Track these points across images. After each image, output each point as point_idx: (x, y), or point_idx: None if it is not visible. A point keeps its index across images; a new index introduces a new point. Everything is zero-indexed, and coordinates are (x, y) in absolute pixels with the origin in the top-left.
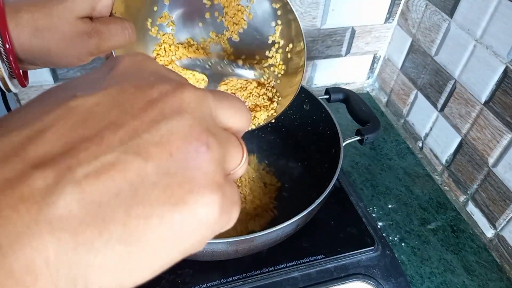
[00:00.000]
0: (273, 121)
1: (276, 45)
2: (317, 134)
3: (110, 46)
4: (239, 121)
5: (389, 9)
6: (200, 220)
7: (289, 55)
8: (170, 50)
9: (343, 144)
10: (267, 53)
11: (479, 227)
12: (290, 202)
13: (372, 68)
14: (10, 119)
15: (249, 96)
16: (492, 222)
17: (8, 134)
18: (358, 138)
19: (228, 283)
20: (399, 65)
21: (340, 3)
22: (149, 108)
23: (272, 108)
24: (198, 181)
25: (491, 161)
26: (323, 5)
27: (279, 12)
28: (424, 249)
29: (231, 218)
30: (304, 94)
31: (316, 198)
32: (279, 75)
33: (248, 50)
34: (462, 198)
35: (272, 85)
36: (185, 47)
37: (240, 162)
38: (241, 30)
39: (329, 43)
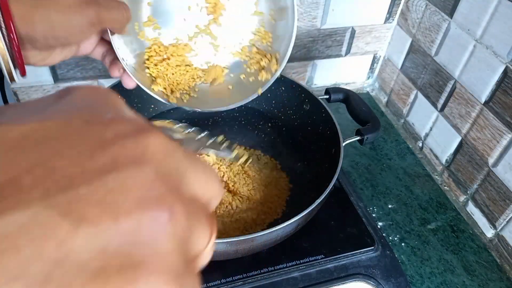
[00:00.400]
0: (273, 121)
1: (258, 18)
2: (317, 134)
3: (109, 17)
4: (211, 192)
5: (389, 9)
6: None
7: (273, 21)
8: (160, 50)
9: (343, 144)
10: (251, 30)
11: (479, 227)
12: (290, 202)
13: (372, 68)
14: None
15: (251, 59)
16: (492, 222)
17: None
18: (358, 138)
19: (228, 283)
20: (399, 65)
21: (340, 3)
22: (98, 152)
23: (273, 66)
24: (150, 265)
25: (491, 161)
26: (323, 5)
27: None
28: (424, 249)
29: None
30: (304, 94)
31: (316, 198)
32: (269, 44)
33: (233, 34)
34: (462, 198)
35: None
36: (174, 46)
37: (206, 245)
38: (222, 15)
39: (329, 43)
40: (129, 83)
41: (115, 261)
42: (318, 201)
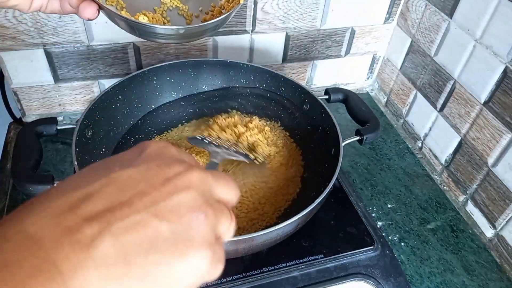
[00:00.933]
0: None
1: None
2: (316, 134)
3: None
4: (230, 195)
5: (388, 9)
6: (194, 269)
7: None
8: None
9: (343, 144)
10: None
11: (479, 227)
12: (290, 202)
13: (371, 68)
14: (66, 185)
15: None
16: (492, 222)
17: (64, 195)
18: (357, 138)
19: (228, 283)
20: (399, 65)
21: (339, 3)
22: (166, 183)
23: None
24: (196, 240)
25: (490, 161)
26: (323, 5)
27: None
28: (424, 248)
29: (216, 271)
30: (304, 94)
31: (316, 197)
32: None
33: (202, 1)
34: (461, 198)
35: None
36: (141, 16)
37: (229, 227)
38: None
39: (329, 43)
40: (90, 12)
41: (180, 237)
42: (318, 200)
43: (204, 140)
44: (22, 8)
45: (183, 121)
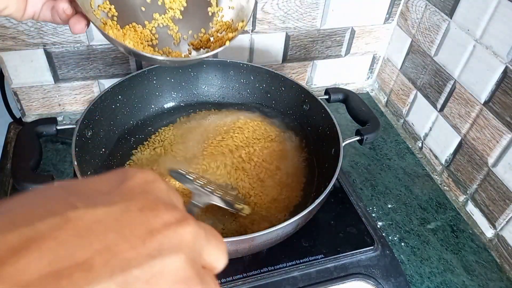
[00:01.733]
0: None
1: (217, 14)
2: (317, 134)
3: None
4: (219, 262)
5: (388, 9)
6: None
7: (233, 13)
8: (116, 32)
9: (343, 144)
10: (210, 25)
11: (479, 227)
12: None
13: (371, 68)
14: (2, 216)
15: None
16: (492, 222)
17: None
18: (357, 138)
19: (228, 283)
20: (399, 65)
21: (339, 3)
22: (149, 239)
23: (240, 24)
24: None
25: (490, 161)
26: (323, 5)
27: None
28: (424, 249)
29: None
30: (304, 94)
31: (316, 198)
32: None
33: (193, 26)
34: (461, 198)
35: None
36: (130, 29)
37: None
38: (182, 8)
39: (329, 43)
40: (79, 28)
41: None
42: (318, 201)
43: (187, 176)
44: (16, 16)
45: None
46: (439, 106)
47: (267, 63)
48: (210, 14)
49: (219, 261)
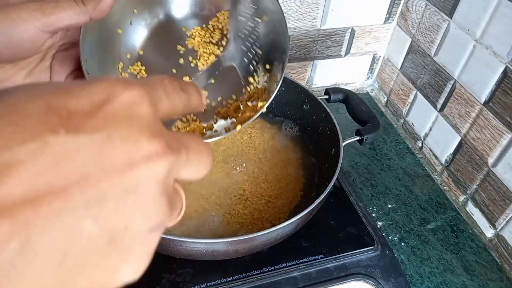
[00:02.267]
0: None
1: (255, 80)
2: (317, 134)
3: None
4: (198, 176)
5: (388, 9)
6: (120, 283)
7: (266, 84)
8: None
9: (343, 144)
10: (243, 91)
11: (479, 227)
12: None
13: (371, 68)
14: None
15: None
16: (492, 222)
17: None
18: (357, 138)
19: (228, 283)
20: (399, 65)
21: (340, 3)
22: (126, 172)
23: (259, 104)
24: (137, 254)
25: (490, 161)
26: (323, 5)
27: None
28: (424, 249)
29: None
30: (304, 95)
31: (316, 198)
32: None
33: (224, 91)
34: (461, 198)
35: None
36: None
37: (177, 216)
38: (216, 72)
39: (329, 43)
40: None
41: (117, 249)
42: (318, 201)
43: None
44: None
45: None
46: (439, 106)
47: None
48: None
49: (198, 176)
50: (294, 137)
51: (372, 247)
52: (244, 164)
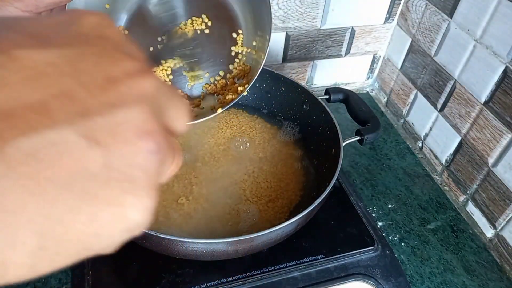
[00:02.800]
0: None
1: (240, 55)
2: (317, 134)
3: None
4: (179, 123)
5: (388, 9)
6: (126, 222)
7: (254, 55)
8: None
9: (343, 144)
10: (230, 67)
11: (479, 227)
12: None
13: (372, 68)
14: None
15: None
16: (492, 222)
17: None
18: (358, 138)
19: (228, 283)
20: (399, 65)
21: (340, 3)
22: (109, 87)
23: (239, 88)
24: (139, 182)
25: (491, 161)
26: (323, 5)
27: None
28: (424, 249)
29: (147, 220)
30: (304, 94)
31: (316, 198)
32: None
33: (212, 67)
34: (462, 198)
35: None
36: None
37: (171, 165)
38: (203, 27)
39: (329, 43)
40: None
41: (116, 175)
42: (318, 201)
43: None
44: None
45: None
46: (439, 106)
47: (267, 63)
48: (233, 54)
49: (180, 122)
50: (294, 137)
51: (372, 247)
52: (244, 164)
